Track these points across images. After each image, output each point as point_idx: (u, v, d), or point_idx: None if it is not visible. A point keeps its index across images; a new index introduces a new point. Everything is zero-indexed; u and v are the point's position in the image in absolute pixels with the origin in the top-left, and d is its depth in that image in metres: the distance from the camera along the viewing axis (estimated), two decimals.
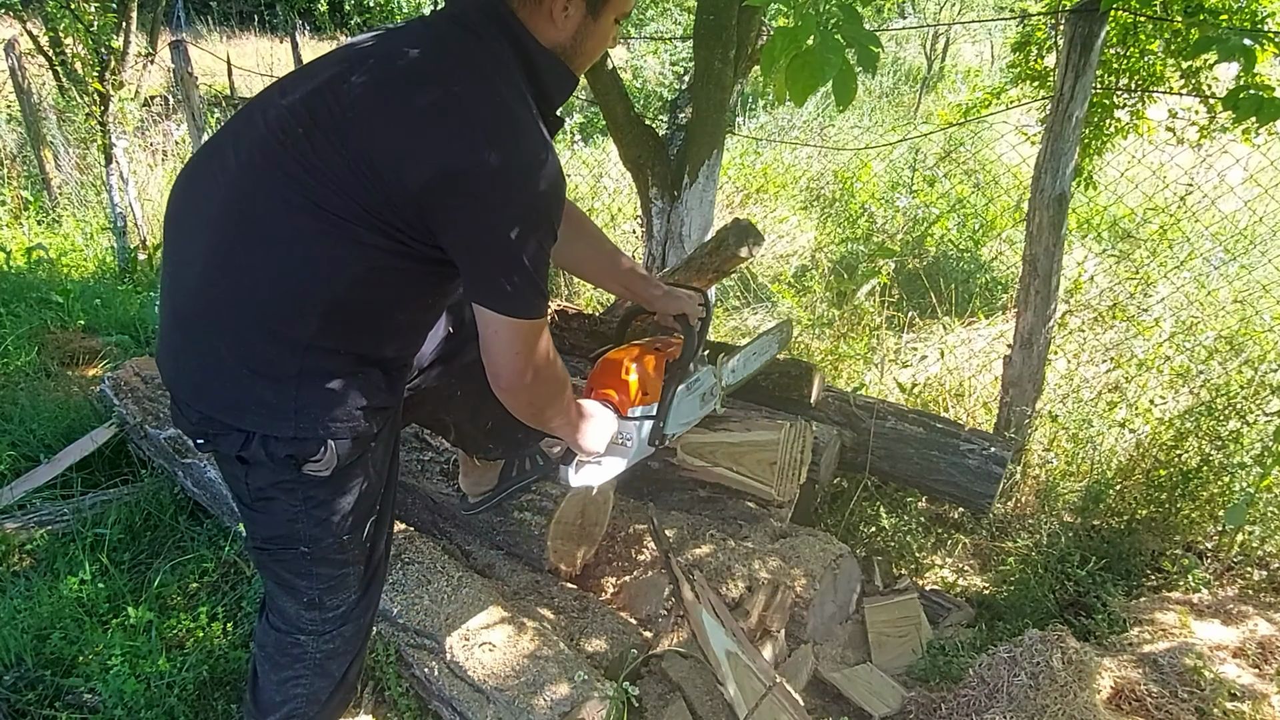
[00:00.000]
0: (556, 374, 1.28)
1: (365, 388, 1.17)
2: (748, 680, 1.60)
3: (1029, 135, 4.14)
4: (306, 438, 1.14)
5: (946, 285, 3.90)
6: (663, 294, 1.68)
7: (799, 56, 1.25)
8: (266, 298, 1.08)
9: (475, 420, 1.67)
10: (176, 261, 1.16)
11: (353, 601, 1.35)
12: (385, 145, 1.04)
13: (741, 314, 4.26)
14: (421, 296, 1.23)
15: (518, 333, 1.15)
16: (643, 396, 1.55)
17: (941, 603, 2.26)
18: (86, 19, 4.31)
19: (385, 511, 1.36)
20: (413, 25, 1.17)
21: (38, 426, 2.80)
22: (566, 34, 1.19)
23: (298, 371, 1.10)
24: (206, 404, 1.15)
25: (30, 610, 1.97)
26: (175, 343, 1.17)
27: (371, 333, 1.17)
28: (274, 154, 1.07)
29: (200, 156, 1.19)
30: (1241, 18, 2.92)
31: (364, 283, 1.10)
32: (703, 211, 2.82)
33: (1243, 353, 3.01)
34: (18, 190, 5.80)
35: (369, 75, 1.07)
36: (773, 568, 1.98)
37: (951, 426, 2.40)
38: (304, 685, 1.37)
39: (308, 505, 1.21)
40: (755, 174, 6.11)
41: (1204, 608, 2.01)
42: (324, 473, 1.18)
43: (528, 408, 1.29)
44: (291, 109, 1.09)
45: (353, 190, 1.05)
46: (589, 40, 1.22)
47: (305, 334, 1.09)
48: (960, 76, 9.86)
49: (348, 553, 1.29)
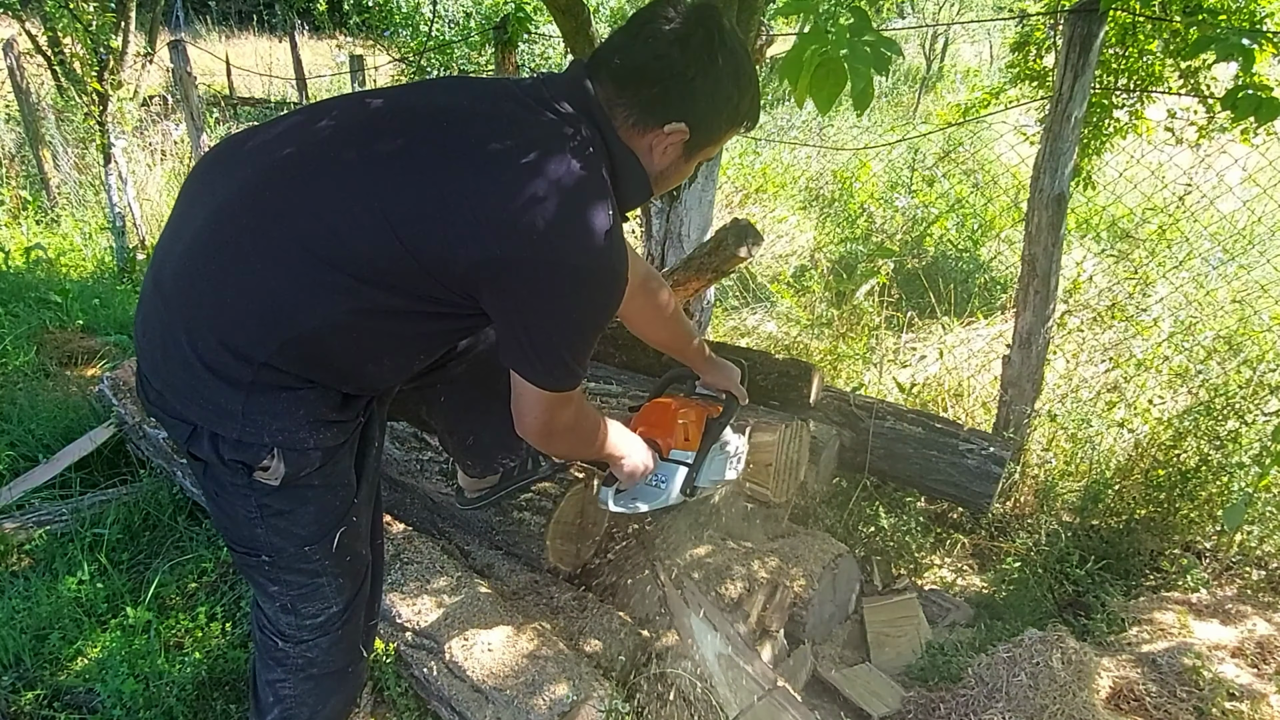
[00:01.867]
0: (584, 430, 1.28)
1: (319, 403, 1.13)
2: (741, 682, 1.60)
3: (1028, 135, 4.15)
4: (251, 443, 1.10)
5: (945, 285, 3.90)
6: (714, 366, 1.71)
7: (824, 65, 1.25)
8: (236, 309, 1.04)
9: (454, 433, 1.65)
10: (173, 232, 1.12)
11: (333, 613, 1.31)
12: (430, 208, 1.00)
13: (741, 314, 4.26)
14: (406, 356, 1.20)
15: (543, 399, 1.15)
16: (684, 443, 1.61)
17: (940, 602, 2.26)
18: (85, 19, 4.30)
19: (360, 520, 1.30)
20: (504, 89, 1.12)
21: (36, 426, 2.80)
22: (657, 168, 1.18)
23: (250, 380, 1.06)
24: (162, 382, 1.11)
25: (29, 610, 1.97)
26: (147, 312, 1.13)
27: (334, 372, 1.12)
28: (292, 174, 1.04)
29: (240, 137, 1.15)
30: (1240, 18, 2.93)
31: (344, 330, 1.06)
32: (701, 211, 2.82)
33: (1241, 353, 3.01)
34: (16, 190, 5.79)
35: (422, 129, 1.04)
36: (772, 568, 1.98)
37: (950, 426, 2.41)
38: (289, 688, 1.35)
39: (263, 513, 1.17)
40: (754, 174, 6.12)
41: (1203, 607, 2.01)
42: (273, 482, 1.13)
43: (556, 454, 1.32)
44: (343, 135, 1.05)
45: (362, 242, 1.01)
46: (673, 175, 1.22)
47: (262, 354, 1.05)
48: (959, 76, 9.87)
49: (314, 563, 1.24)
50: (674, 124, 1.12)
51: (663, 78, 1.10)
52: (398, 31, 7.93)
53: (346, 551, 1.28)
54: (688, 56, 1.09)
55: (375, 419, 1.30)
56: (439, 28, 7.50)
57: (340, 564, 1.28)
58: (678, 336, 1.65)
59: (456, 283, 1.04)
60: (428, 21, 7.22)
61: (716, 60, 1.11)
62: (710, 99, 1.13)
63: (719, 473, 1.68)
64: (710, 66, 1.10)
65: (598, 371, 2.56)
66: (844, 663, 2.05)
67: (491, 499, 1.91)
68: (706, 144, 1.19)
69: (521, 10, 3.89)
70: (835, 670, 1.97)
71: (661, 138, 1.14)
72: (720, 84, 1.12)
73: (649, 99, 1.11)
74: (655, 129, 1.13)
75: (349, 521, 1.27)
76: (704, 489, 1.65)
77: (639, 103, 1.11)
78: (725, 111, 1.16)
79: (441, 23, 7.70)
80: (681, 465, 1.59)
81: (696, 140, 1.16)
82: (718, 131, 1.19)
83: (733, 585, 1.92)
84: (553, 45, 7.00)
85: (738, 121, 1.20)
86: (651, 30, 1.10)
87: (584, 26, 2.56)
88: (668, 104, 1.11)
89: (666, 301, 1.58)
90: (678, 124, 1.12)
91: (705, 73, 1.10)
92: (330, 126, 1.07)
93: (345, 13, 10.61)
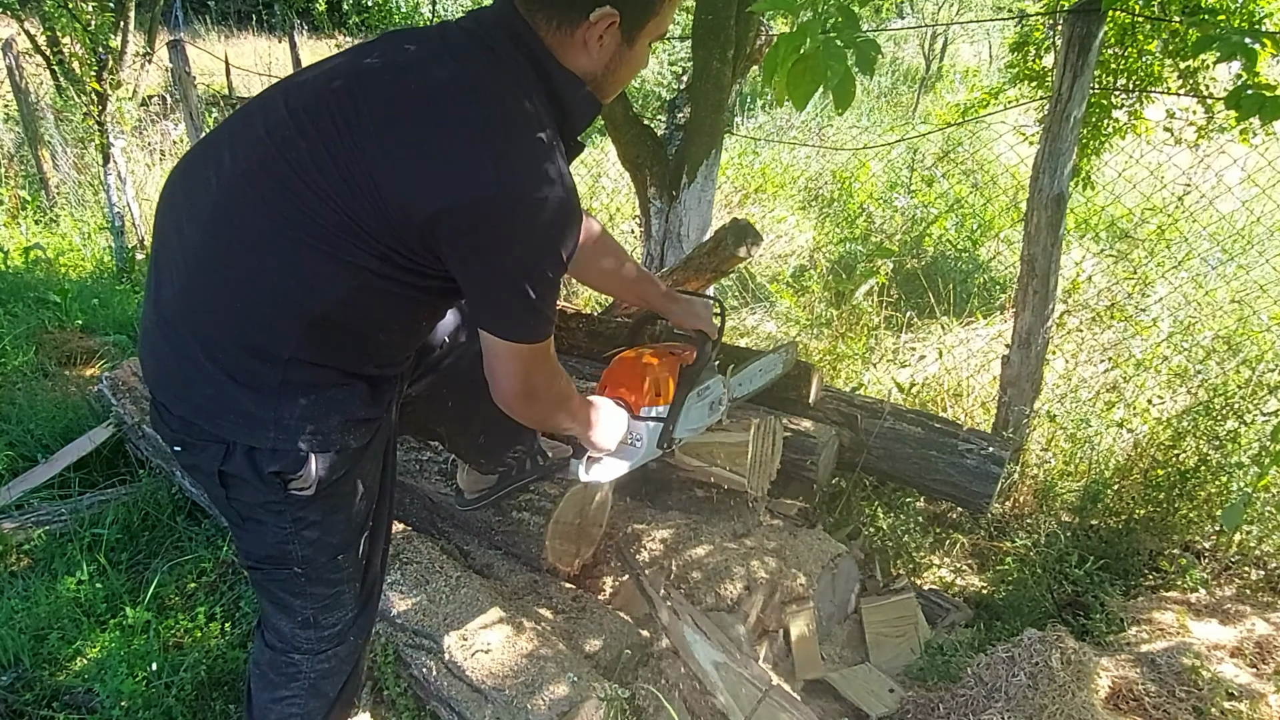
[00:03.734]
0: (558, 391, 1.27)
1: (349, 400, 1.14)
2: (740, 688, 1.60)
3: (1027, 135, 4.15)
4: (286, 450, 1.10)
5: (945, 285, 3.90)
6: (681, 305, 1.67)
7: (800, 61, 1.25)
8: (248, 309, 1.05)
9: (466, 431, 1.65)
10: (164, 257, 1.12)
11: (349, 620, 1.32)
12: (392, 165, 1.00)
13: (740, 314, 4.26)
14: (409, 319, 1.20)
15: (519, 356, 1.14)
16: (655, 398, 1.55)
17: (939, 602, 2.26)
18: (84, 18, 4.30)
19: (380, 526, 1.32)
20: (428, 36, 1.10)
21: (35, 426, 2.79)
22: (599, 62, 1.13)
23: (279, 383, 1.07)
24: (186, 408, 1.11)
25: (28, 610, 1.97)
26: (156, 342, 1.13)
27: (355, 350, 1.13)
28: (269, 161, 1.04)
29: (197, 151, 1.15)
30: (1240, 17, 2.93)
31: (350, 302, 1.07)
32: (701, 211, 2.82)
33: (1240, 353, 3.01)
34: (15, 190, 5.79)
35: (380, 90, 1.03)
36: (771, 568, 1.98)
37: (950, 426, 2.41)
38: (298, 705, 1.34)
39: (297, 527, 1.17)
40: (753, 174, 6.11)
41: (1202, 607, 2.01)
42: (308, 491, 1.14)
43: (530, 420, 1.29)
44: (293, 115, 1.05)
45: (348, 208, 1.01)
46: (622, 68, 1.16)
47: (286, 348, 1.05)
48: (958, 77, 9.88)
49: (342, 571, 1.26)
50: (598, 9, 1.06)
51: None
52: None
53: (366, 557, 1.30)
54: None
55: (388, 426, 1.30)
56: None
57: (359, 570, 1.29)
58: (641, 286, 1.63)
59: (417, 240, 1.04)
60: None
61: None
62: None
63: (699, 420, 1.62)
64: None
65: (594, 370, 2.56)
66: (843, 662, 2.05)
67: (490, 499, 1.91)
68: (646, 18, 1.12)
69: None
70: (834, 670, 1.97)
71: (592, 29, 1.08)
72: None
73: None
74: (581, 23, 1.08)
75: (371, 526, 1.28)
76: (683, 439, 1.60)
77: (555, 2, 1.07)
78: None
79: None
80: (656, 421, 1.54)
81: (631, 18, 1.10)
82: (652, 1, 1.12)
83: (732, 585, 1.92)
84: None
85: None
86: None
87: None
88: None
89: (620, 257, 1.58)
90: (602, 8, 1.07)
91: None
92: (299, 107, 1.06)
93: (344, 12, 10.62)
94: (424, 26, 1.20)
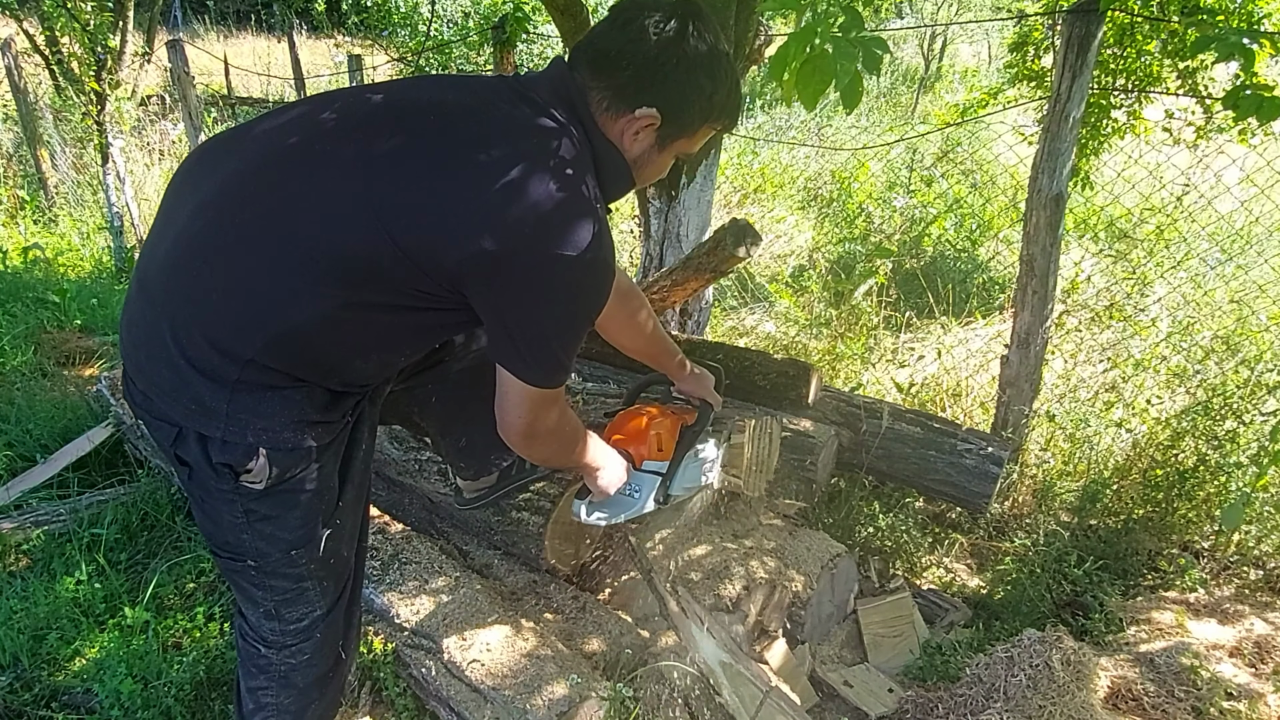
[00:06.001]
0: (565, 434, 1.28)
1: (304, 403, 1.12)
2: (745, 687, 1.60)
3: (1026, 135, 4.16)
4: (235, 443, 1.09)
5: (944, 285, 3.90)
6: (689, 374, 1.73)
7: (809, 61, 1.25)
8: (219, 307, 1.04)
9: (446, 435, 1.64)
10: (158, 230, 1.11)
11: (317, 617, 1.30)
12: (420, 204, 1.00)
13: (739, 314, 4.26)
14: (393, 350, 1.19)
15: (530, 397, 1.15)
16: (657, 453, 1.62)
17: (938, 602, 2.26)
18: (83, 18, 4.30)
19: (346, 525, 1.30)
20: (483, 83, 1.14)
21: (34, 426, 2.79)
22: (631, 155, 1.19)
23: (235, 378, 1.06)
24: (146, 382, 1.11)
25: (27, 610, 1.97)
26: (133, 313, 1.12)
27: (319, 368, 1.11)
28: (279, 169, 1.04)
29: (225, 135, 1.15)
30: (1238, 17, 2.93)
31: (331, 325, 1.06)
32: (700, 211, 2.82)
33: (1239, 353, 3.01)
34: (14, 190, 5.79)
35: (417, 125, 1.04)
36: (770, 568, 1.99)
37: (949, 426, 2.41)
38: (270, 696, 1.34)
39: (249, 518, 1.16)
40: (753, 174, 6.12)
41: (1200, 607, 2.02)
42: (258, 485, 1.12)
43: (529, 456, 1.32)
44: (320, 132, 1.05)
45: (350, 236, 1.01)
46: (648, 166, 1.22)
47: (248, 351, 1.04)
48: (957, 77, 9.88)
49: (299, 567, 1.23)
50: (645, 109, 1.13)
51: (634, 62, 1.12)
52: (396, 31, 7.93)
53: (331, 554, 1.27)
54: (660, 43, 1.11)
55: (365, 420, 1.29)
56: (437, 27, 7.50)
57: (325, 567, 1.27)
58: (658, 351, 1.68)
59: (446, 278, 1.05)
60: (426, 21, 7.22)
61: (690, 49, 1.12)
62: (681, 87, 1.14)
63: (693, 479, 1.69)
64: (683, 54, 1.12)
65: (597, 371, 2.57)
66: (843, 662, 2.05)
67: (490, 499, 1.91)
68: (680, 135, 1.20)
69: (520, 10, 3.88)
70: (834, 670, 1.97)
71: (633, 122, 1.15)
72: (692, 73, 1.14)
73: (621, 83, 1.13)
74: (627, 113, 1.14)
75: (334, 524, 1.26)
76: (677, 496, 1.66)
77: (612, 87, 1.13)
78: (698, 102, 1.16)
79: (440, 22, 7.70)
80: (655, 475, 1.60)
81: (669, 129, 1.17)
82: (691, 122, 1.19)
83: (731, 585, 1.92)
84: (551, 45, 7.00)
85: (711, 115, 1.20)
86: (628, 18, 1.13)
87: (583, 26, 2.56)
88: (639, 88, 1.13)
89: (645, 320, 1.61)
90: (648, 109, 1.14)
91: (677, 60, 1.12)
92: (331, 120, 1.07)
93: (344, 12, 10.62)
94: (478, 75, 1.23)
